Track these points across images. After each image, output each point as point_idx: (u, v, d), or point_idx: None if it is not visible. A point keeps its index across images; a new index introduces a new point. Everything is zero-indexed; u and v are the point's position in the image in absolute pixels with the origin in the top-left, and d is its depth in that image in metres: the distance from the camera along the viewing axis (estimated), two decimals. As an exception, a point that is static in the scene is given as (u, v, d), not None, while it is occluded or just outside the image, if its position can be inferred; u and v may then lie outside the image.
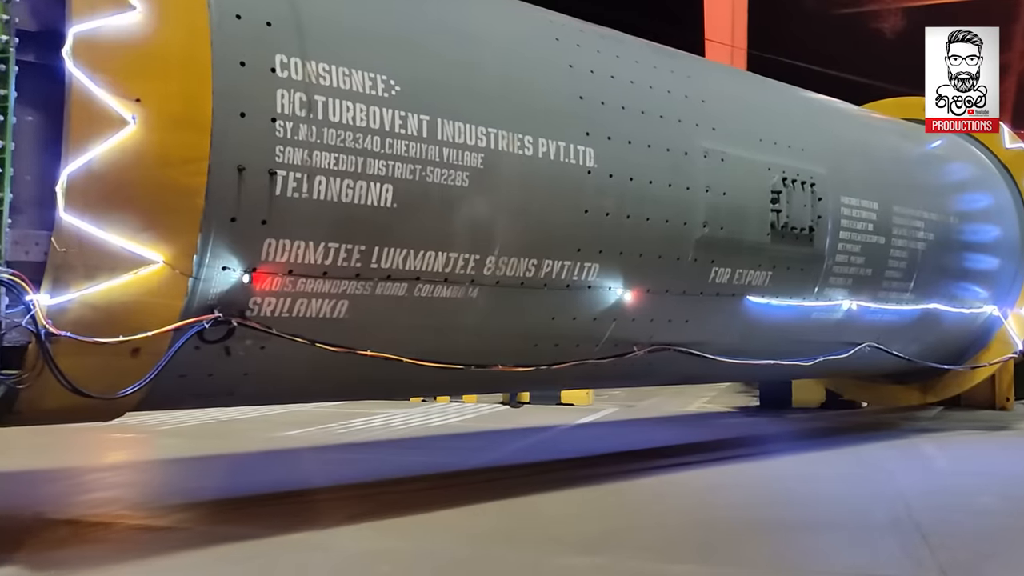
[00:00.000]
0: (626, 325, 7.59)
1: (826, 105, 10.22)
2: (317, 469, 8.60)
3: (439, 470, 8.43)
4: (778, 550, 5.58)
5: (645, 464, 8.82)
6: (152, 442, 10.36)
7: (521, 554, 5.40)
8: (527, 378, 7.20)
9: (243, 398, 6.31)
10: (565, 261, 6.81)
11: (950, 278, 11.06)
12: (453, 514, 6.40)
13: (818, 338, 9.64)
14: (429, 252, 5.99)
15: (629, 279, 7.34)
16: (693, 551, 5.54)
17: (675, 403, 15.36)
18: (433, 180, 5.88)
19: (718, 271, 8.01)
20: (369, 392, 7.09)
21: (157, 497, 7.26)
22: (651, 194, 7.28)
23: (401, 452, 9.75)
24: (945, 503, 7.02)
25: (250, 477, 8.16)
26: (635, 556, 5.36)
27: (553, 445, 10.57)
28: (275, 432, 10.87)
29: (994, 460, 9.52)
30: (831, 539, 5.86)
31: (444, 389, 7.48)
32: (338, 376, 6.10)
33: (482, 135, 6.15)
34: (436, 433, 11.30)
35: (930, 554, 5.39)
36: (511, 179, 6.33)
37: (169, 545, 5.51)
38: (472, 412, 13.80)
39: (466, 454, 9.59)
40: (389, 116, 5.67)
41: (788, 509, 6.81)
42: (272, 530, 5.79)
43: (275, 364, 5.72)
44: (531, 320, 6.90)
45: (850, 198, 9.26)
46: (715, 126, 8.00)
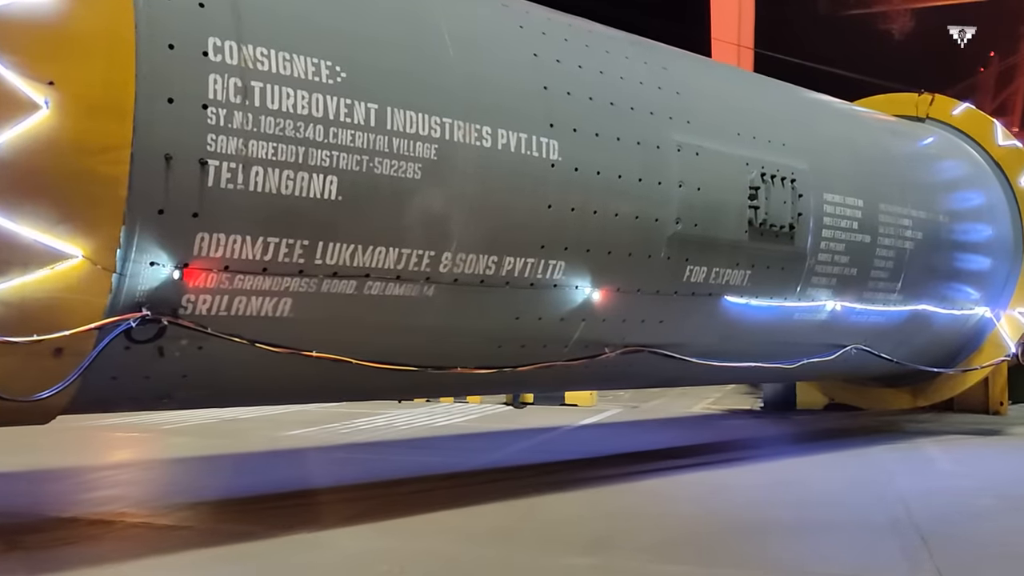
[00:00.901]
0: (596, 326, 7.29)
1: (810, 99, 9.92)
2: (319, 469, 8.60)
3: (441, 470, 8.40)
4: (777, 551, 5.56)
5: (647, 465, 8.76)
6: (156, 441, 10.34)
7: (521, 554, 5.41)
8: (491, 381, 6.90)
9: (185, 401, 6.01)
10: (528, 258, 6.51)
11: (940, 278, 10.75)
12: (453, 514, 6.37)
13: (801, 340, 9.33)
14: (379, 248, 5.69)
15: (598, 278, 7.04)
16: (693, 552, 5.52)
17: (680, 404, 15.26)
18: (382, 172, 5.58)
19: (693, 270, 7.71)
20: (319, 395, 6.80)
21: (160, 496, 7.27)
22: (620, 189, 6.98)
23: (403, 452, 9.72)
24: (945, 505, 6.99)
25: (253, 476, 8.15)
26: (635, 557, 5.35)
27: (555, 446, 10.50)
28: (279, 431, 10.85)
29: (995, 463, 9.38)
30: (830, 540, 5.84)
31: (400, 392, 7.18)
32: (284, 378, 5.80)
33: (436, 125, 5.85)
34: (439, 433, 11.25)
35: (929, 556, 5.35)
36: (468, 172, 6.03)
37: (171, 543, 5.52)
38: (476, 412, 13.71)
39: (468, 454, 9.53)
40: (333, 104, 5.37)
41: (789, 510, 6.79)
42: (273, 529, 5.80)
43: (215, 366, 5.42)
44: (493, 320, 6.60)
45: (833, 195, 8.96)
46: (690, 119, 7.70)
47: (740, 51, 21.07)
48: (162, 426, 11.23)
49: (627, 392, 16.10)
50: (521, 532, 6.00)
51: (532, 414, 12.98)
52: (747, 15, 23.67)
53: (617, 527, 6.19)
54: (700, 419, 13.65)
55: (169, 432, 10.87)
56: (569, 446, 10.53)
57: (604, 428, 12.40)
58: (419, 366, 6.23)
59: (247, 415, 12.16)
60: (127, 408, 5.92)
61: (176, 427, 11.20)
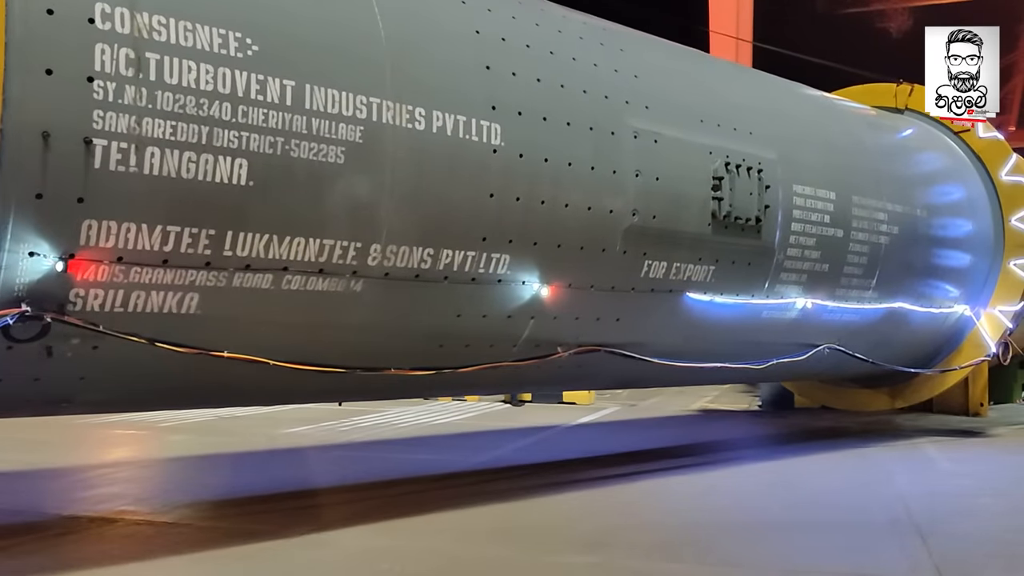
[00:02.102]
0: (547, 324, 6.83)
1: (781, 87, 9.48)
2: (319, 467, 8.61)
3: (439, 468, 8.39)
4: (775, 550, 5.55)
5: (645, 464, 8.73)
6: (154, 438, 10.34)
7: (519, 552, 5.41)
8: (431, 383, 6.43)
9: (86, 405, 5.52)
10: (468, 251, 6.04)
11: (917, 275, 10.32)
12: (452, 512, 6.36)
13: (770, 339, 8.89)
14: (298, 238, 5.21)
15: (547, 272, 6.58)
16: (690, 551, 5.50)
17: (677, 403, 15.24)
18: (299, 155, 5.10)
19: (652, 265, 7.25)
20: (235, 398, 6.32)
21: (160, 494, 7.26)
22: (570, 177, 6.52)
23: (402, 450, 9.73)
24: (945, 504, 6.98)
25: (252, 475, 8.15)
26: (632, 555, 5.36)
27: (552, 445, 10.47)
28: (277, 429, 10.81)
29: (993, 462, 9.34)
30: (828, 539, 5.83)
31: (328, 395, 6.71)
32: (193, 381, 5.31)
33: (361, 105, 5.37)
34: (437, 432, 11.23)
35: (928, 555, 5.35)
36: (398, 156, 5.56)
37: (172, 542, 5.52)
38: (474, 411, 13.70)
39: (466, 453, 9.50)
40: (243, 80, 4.89)
41: (787, 510, 6.78)
42: (273, 527, 5.81)
43: (114, 367, 4.94)
44: (432, 318, 6.13)
45: (804, 187, 8.51)
46: (649, 104, 7.24)
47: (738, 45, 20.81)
48: (159, 424, 11.15)
49: (625, 390, 16.04)
50: (519, 531, 5.96)
51: (530, 412, 12.92)
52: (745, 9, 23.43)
53: (615, 526, 6.17)
54: (698, 417, 13.65)
55: (167, 430, 10.81)
56: (567, 445, 10.48)
57: (601, 427, 12.38)
58: (347, 367, 5.76)
59: (245, 412, 12.01)
60: (23, 412, 5.42)
61: (174, 424, 11.10)
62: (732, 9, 22.97)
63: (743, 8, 23.36)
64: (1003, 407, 14.39)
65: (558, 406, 14.40)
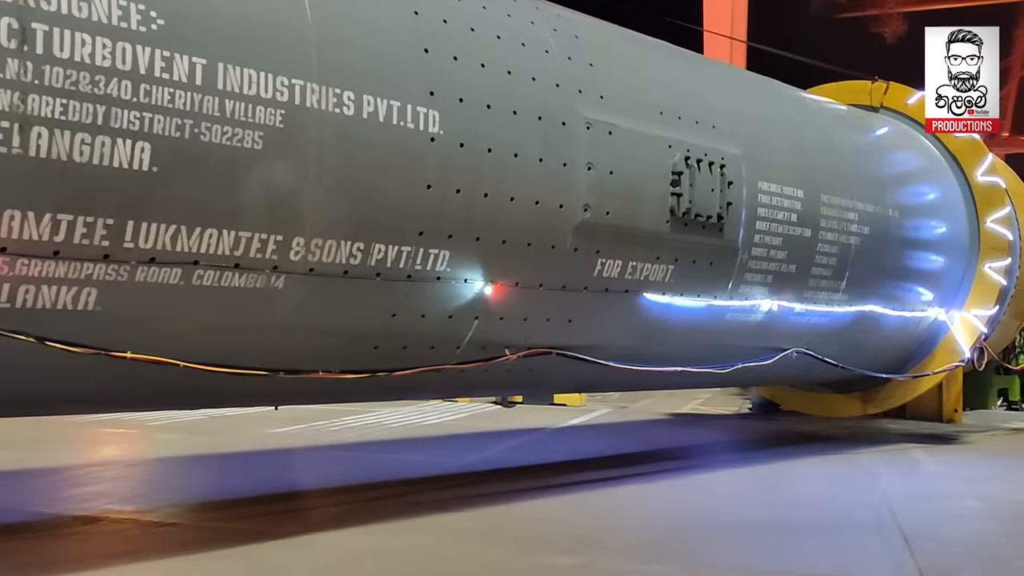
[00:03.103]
0: (492, 324, 6.45)
1: (748, 80, 9.14)
2: (306, 467, 8.63)
3: (427, 469, 8.45)
4: (759, 553, 5.56)
5: (631, 466, 8.77)
6: (143, 437, 10.37)
7: (503, 553, 5.42)
8: (364, 387, 6.03)
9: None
10: (403, 246, 5.65)
11: (889, 277, 10.00)
12: (438, 513, 6.34)
13: (735, 342, 8.53)
14: (209, 230, 4.81)
15: (491, 270, 6.20)
16: (675, 553, 5.50)
17: (668, 404, 15.33)
18: (210, 139, 4.69)
19: (606, 263, 6.88)
20: (144, 402, 5.91)
21: (146, 492, 7.27)
22: (516, 169, 6.13)
23: (391, 451, 9.76)
24: (930, 507, 7.02)
25: (239, 474, 8.15)
26: (616, 556, 5.36)
27: (541, 446, 10.50)
28: (267, 428, 10.80)
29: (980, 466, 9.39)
30: (814, 542, 5.85)
31: (250, 399, 6.31)
32: (92, 384, 4.90)
33: (282, 87, 4.97)
34: (426, 433, 11.28)
35: (911, 558, 5.36)
36: (324, 143, 5.16)
37: (155, 541, 5.53)
38: (464, 411, 13.78)
39: (455, 454, 9.56)
40: (146, 56, 4.47)
41: (773, 512, 6.80)
42: (259, 527, 5.82)
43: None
44: (363, 317, 5.73)
45: (769, 184, 8.16)
46: (604, 94, 6.86)
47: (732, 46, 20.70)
48: (148, 422, 11.12)
49: (616, 392, 15.94)
50: (505, 532, 5.95)
51: (520, 413, 12.88)
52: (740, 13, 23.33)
53: (601, 527, 6.17)
54: (688, 420, 13.71)
55: (156, 428, 10.80)
56: (555, 446, 10.53)
57: (590, 429, 12.46)
58: (269, 370, 5.36)
59: (235, 412, 11.85)
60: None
61: (163, 423, 11.07)
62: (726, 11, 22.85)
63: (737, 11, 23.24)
64: (979, 413, 14.12)
65: (549, 407, 14.38)
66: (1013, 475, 8.99)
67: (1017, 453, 10.71)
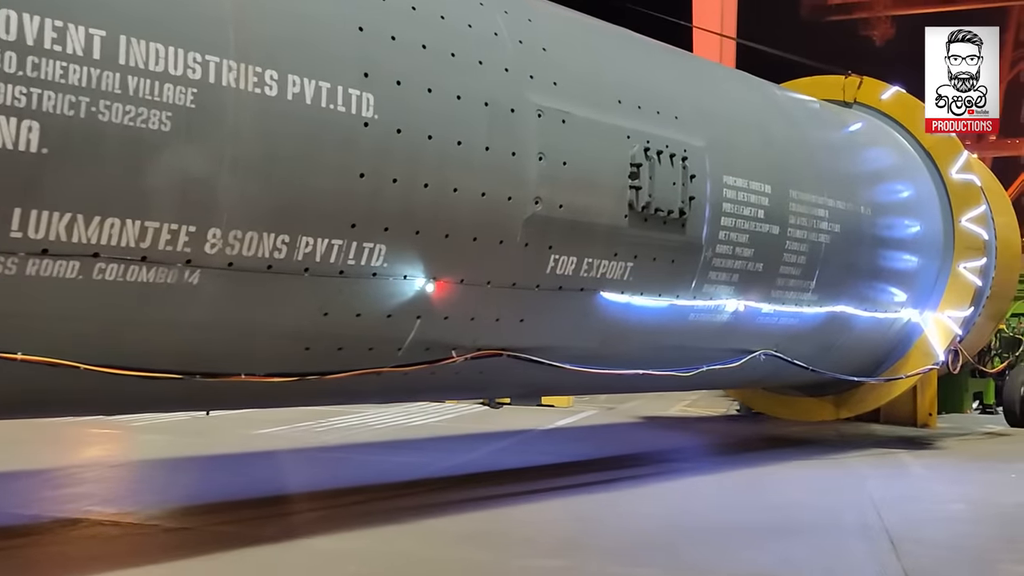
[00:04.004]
0: (437, 325, 6.04)
1: (715, 72, 8.79)
2: (290, 469, 8.60)
3: (411, 471, 8.43)
4: (745, 555, 5.54)
5: (619, 468, 8.79)
6: (128, 438, 10.33)
7: (488, 555, 5.39)
8: (294, 390, 5.59)
9: None
10: (334, 240, 5.23)
11: (861, 277, 9.66)
12: (422, 516, 6.30)
13: (699, 344, 8.16)
14: (111, 219, 4.37)
15: (433, 266, 5.79)
16: (661, 556, 5.49)
17: (655, 406, 15.32)
18: (110, 119, 4.26)
19: (559, 260, 6.49)
20: (41, 409, 5.45)
21: (127, 494, 7.29)
22: (459, 158, 5.73)
23: (375, 453, 9.72)
24: (917, 510, 7.03)
25: (222, 476, 8.13)
26: (602, 559, 5.32)
27: (526, 448, 10.49)
28: (251, 430, 10.71)
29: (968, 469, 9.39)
30: (799, 544, 5.85)
31: (165, 404, 5.88)
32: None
33: (195, 64, 4.54)
34: (412, 435, 11.27)
35: (896, 560, 5.37)
36: (242, 126, 4.73)
37: (135, 543, 5.50)
38: (451, 412, 13.75)
39: (440, 455, 9.58)
40: (34, 25, 4.04)
41: (759, 514, 6.78)
42: (240, 529, 5.80)
43: None
44: (291, 316, 5.31)
45: (735, 178, 7.79)
46: (557, 80, 6.47)
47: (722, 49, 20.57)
48: (132, 423, 11.04)
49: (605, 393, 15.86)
50: (490, 534, 5.92)
51: (507, 415, 12.59)
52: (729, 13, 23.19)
53: (586, 530, 6.15)
54: (675, 422, 13.70)
55: (140, 429, 10.73)
56: (541, 448, 10.54)
57: (576, 430, 12.51)
58: (184, 373, 4.93)
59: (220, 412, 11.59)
60: None
61: (147, 424, 10.98)
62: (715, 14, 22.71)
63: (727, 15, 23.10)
64: (954, 417, 13.83)
65: (536, 408, 14.37)
66: (998, 478, 8.86)
67: (1000, 456, 10.51)
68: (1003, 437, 12.37)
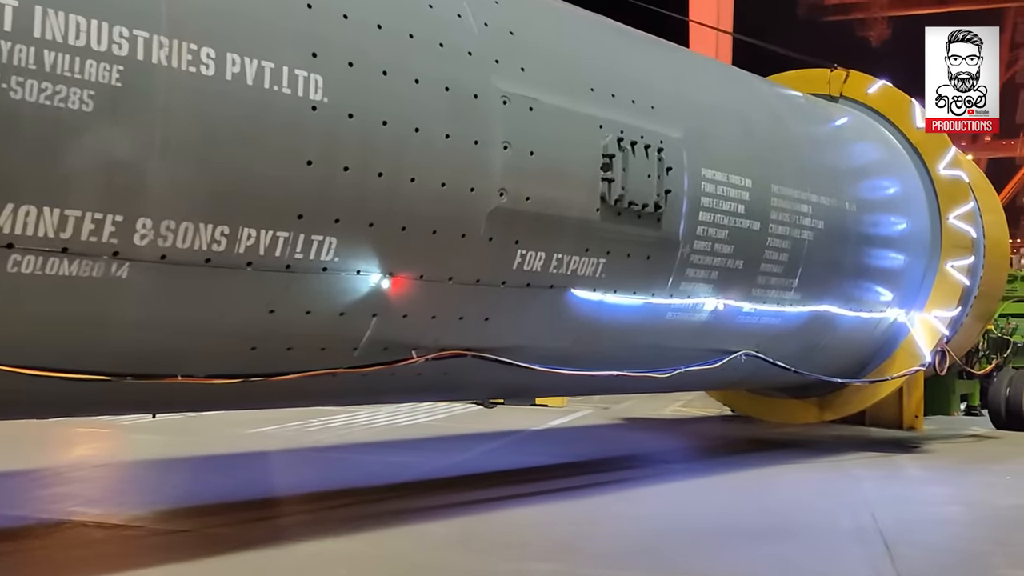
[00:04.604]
0: (395, 323, 5.70)
1: (696, 62, 8.46)
2: (279, 470, 8.53)
3: (403, 471, 8.36)
4: (737, 558, 5.49)
5: (609, 470, 8.71)
6: (117, 437, 10.27)
7: (478, 559, 5.33)
8: (238, 393, 5.24)
9: None
10: (278, 232, 4.87)
11: (846, 275, 9.35)
12: (412, 518, 6.22)
13: (676, 344, 7.83)
14: (25, 207, 4.01)
15: (389, 261, 5.44)
16: (653, 559, 5.45)
17: (650, 406, 15.20)
18: (23, 97, 3.90)
19: (527, 255, 6.15)
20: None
21: (113, 495, 7.24)
22: (417, 146, 5.38)
23: (367, 453, 9.65)
24: (912, 512, 6.98)
25: (210, 476, 8.07)
26: (594, 563, 5.29)
27: (518, 449, 10.40)
28: (242, 429, 10.57)
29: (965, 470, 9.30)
30: (793, 548, 5.80)
31: (94, 408, 5.49)
32: None
33: (121, 39, 4.18)
34: (404, 435, 11.15)
35: (891, 564, 5.32)
36: (174, 107, 4.37)
37: (119, 544, 5.45)
38: (444, 412, 13.60)
39: (431, 456, 9.53)
40: (-65, -7, 3.69)
41: (752, 517, 6.73)
42: (228, 531, 5.75)
43: None
44: (234, 314, 4.95)
45: (714, 171, 7.46)
46: (525, 66, 6.13)
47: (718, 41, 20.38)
48: (122, 422, 10.91)
49: None
50: (481, 537, 5.87)
51: (501, 414, 12.50)
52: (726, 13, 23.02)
53: (579, 533, 6.09)
54: (670, 422, 13.61)
55: (129, 428, 10.65)
56: (533, 449, 10.45)
57: (569, 431, 12.41)
58: (113, 374, 4.57)
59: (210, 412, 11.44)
60: None
61: (136, 424, 10.84)
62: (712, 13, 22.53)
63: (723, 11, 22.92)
64: (939, 419, 13.54)
65: (530, 408, 14.22)
66: (992, 480, 8.72)
67: (993, 458, 10.34)
68: (992, 440, 12.10)
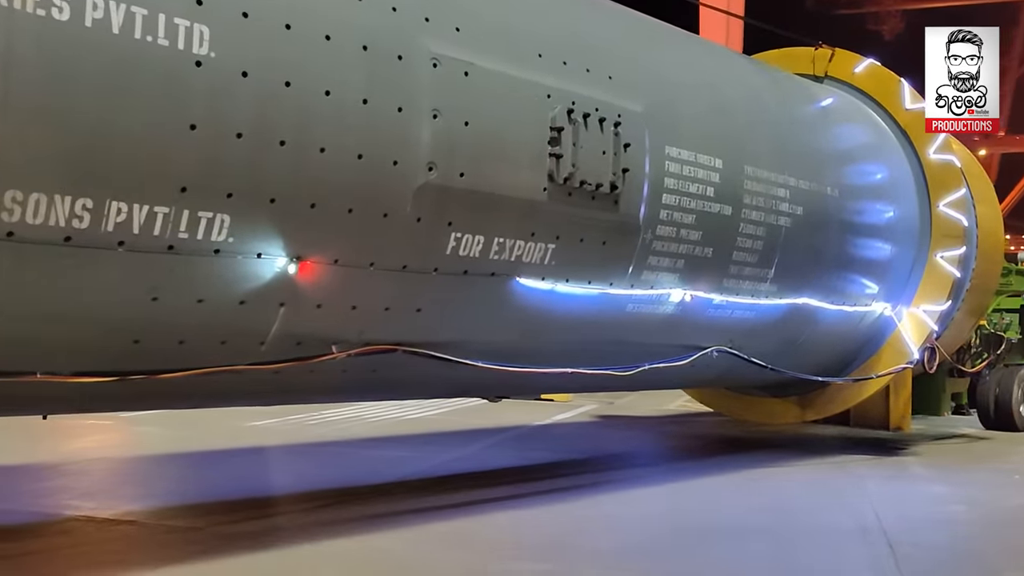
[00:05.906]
0: (307, 314, 5.05)
1: (661, 29, 7.75)
2: (275, 464, 8.47)
3: (400, 467, 8.27)
4: (735, 558, 5.40)
5: (608, 469, 8.61)
6: (117, 430, 10.23)
7: (471, 558, 5.26)
8: (116, 393, 4.58)
9: None
10: (156, 207, 4.21)
11: (827, 266, 8.69)
12: (407, 516, 6.12)
13: (639, 339, 7.19)
14: None
15: (296, 242, 4.79)
16: (651, 559, 5.37)
17: (654, 401, 14.98)
18: None
19: (463, 239, 5.50)
20: None
21: (109, 488, 7.23)
22: (327, 111, 4.71)
23: (366, 448, 9.56)
24: (916, 512, 6.91)
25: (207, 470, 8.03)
26: (590, 563, 5.22)
27: (517, 446, 10.20)
28: (243, 422, 10.49)
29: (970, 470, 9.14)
30: (795, 547, 5.71)
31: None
32: None
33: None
34: (404, 430, 10.99)
35: (895, 564, 5.23)
36: (19, 57, 3.71)
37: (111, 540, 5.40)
38: (447, 406, 13.29)
39: (429, 451, 9.38)
40: None
41: (753, 516, 6.62)
42: (219, 526, 5.71)
43: None
44: (106, 302, 4.29)
45: (680, 149, 6.81)
46: (461, 25, 5.46)
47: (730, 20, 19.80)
48: (122, 414, 10.68)
49: None
50: (474, 536, 5.80)
51: (504, 409, 12.12)
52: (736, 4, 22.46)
53: (576, 532, 6.01)
54: (672, 419, 13.38)
55: (129, 421, 10.57)
56: (533, 445, 10.25)
57: (570, 427, 12.24)
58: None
59: None
60: None
61: (138, 415, 10.61)
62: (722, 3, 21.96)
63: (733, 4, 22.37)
64: (930, 419, 12.92)
65: (534, 403, 14.04)
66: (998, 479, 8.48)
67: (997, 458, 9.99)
68: (984, 440, 11.50)
